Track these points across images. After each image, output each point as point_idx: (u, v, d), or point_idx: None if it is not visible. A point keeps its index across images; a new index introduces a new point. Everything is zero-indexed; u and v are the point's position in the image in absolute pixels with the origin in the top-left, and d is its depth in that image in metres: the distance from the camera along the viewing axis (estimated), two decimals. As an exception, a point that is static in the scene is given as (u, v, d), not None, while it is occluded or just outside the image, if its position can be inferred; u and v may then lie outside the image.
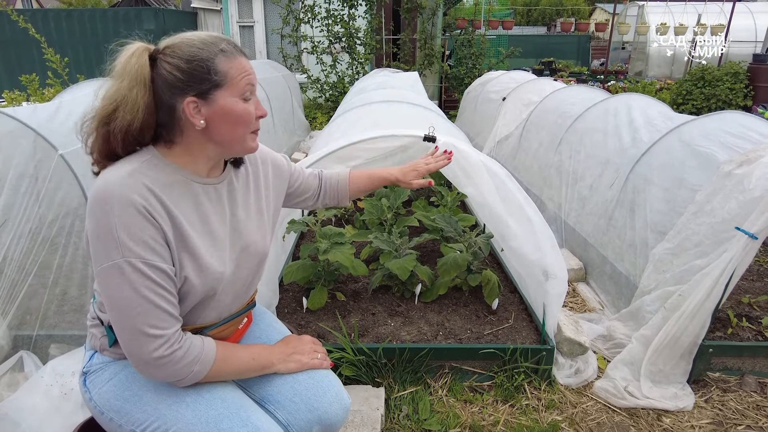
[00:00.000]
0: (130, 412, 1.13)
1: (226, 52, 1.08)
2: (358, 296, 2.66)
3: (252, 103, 1.12)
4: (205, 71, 1.05)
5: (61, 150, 2.18)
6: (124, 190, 1.00)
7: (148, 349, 1.03)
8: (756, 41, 11.17)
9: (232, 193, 1.23)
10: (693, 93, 8.19)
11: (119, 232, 0.99)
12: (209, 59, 1.05)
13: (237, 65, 1.09)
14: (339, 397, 1.30)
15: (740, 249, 1.98)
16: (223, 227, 1.18)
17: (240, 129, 1.11)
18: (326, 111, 8.18)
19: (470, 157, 2.03)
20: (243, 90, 1.09)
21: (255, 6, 9.59)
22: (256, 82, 1.15)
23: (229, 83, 1.07)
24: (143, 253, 1.01)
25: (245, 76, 1.10)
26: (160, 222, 1.04)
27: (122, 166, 1.05)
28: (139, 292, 1.01)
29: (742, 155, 2.27)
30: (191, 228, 1.10)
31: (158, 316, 1.03)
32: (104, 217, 0.99)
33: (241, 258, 1.22)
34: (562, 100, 4.36)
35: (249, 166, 1.31)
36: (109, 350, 1.19)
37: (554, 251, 2.05)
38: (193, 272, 1.10)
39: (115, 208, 0.99)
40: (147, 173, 1.05)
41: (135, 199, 1.00)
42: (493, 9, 12.37)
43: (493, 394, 2.15)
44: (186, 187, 1.12)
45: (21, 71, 6.24)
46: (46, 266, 2.19)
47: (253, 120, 1.13)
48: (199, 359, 1.10)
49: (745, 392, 2.19)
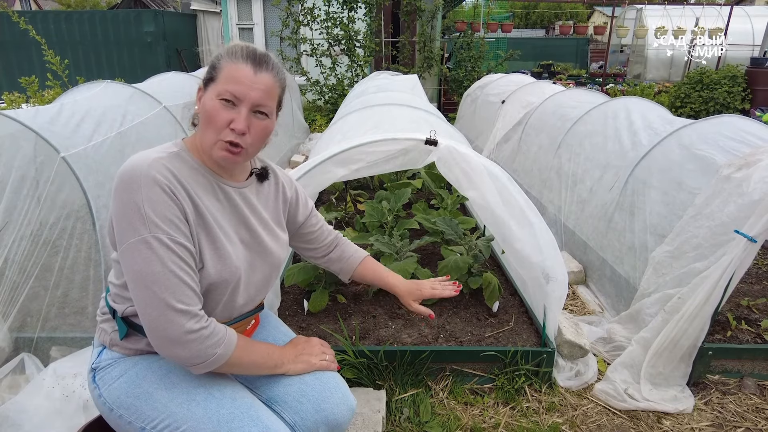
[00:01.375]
0: (141, 409, 1.13)
1: (233, 55, 1.12)
2: (359, 299, 2.67)
3: (231, 113, 1.10)
4: (212, 64, 1.14)
5: (63, 152, 2.19)
6: (150, 170, 1.05)
7: (176, 324, 1.04)
8: (753, 45, 11.22)
9: (251, 202, 1.27)
10: (691, 96, 8.22)
11: (146, 209, 1.03)
12: (220, 55, 1.13)
13: (231, 69, 1.10)
14: (345, 398, 1.31)
15: (739, 252, 1.99)
16: (238, 228, 1.22)
17: (208, 129, 1.12)
18: (325, 113, 8.19)
19: (472, 161, 2.04)
20: (221, 92, 1.10)
21: (254, 8, 9.61)
22: (251, 101, 1.11)
23: (217, 81, 1.12)
24: (169, 229, 1.05)
25: (232, 83, 1.09)
26: (182, 202, 1.09)
27: (149, 153, 1.11)
28: (167, 266, 1.04)
29: (741, 159, 2.29)
30: (211, 217, 1.15)
31: (185, 292, 1.06)
32: (131, 195, 1.03)
33: (255, 261, 1.25)
34: (561, 103, 4.38)
35: (277, 186, 1.37)
36: (119, 345, 1.19)
37: (555, 254, 2.06)
38: (210, 258, 1.13)
39: (143, 186, 1.04)
40: (172, 162, 1.11)
41: (159, 179, 1.05)
42: (492, 12, 12.40)
43: (494, 397, 2.15)
44: (207, 181, 1.17)
45: (20, 73, 6.23)
46: (47, 268, 2.19)
47: (222, 126, 1.10)
48: (222, 342, 1.11)
49: (745, 395, 2.20)
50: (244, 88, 1.10)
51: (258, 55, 1.13)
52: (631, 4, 12.50)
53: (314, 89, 8.25)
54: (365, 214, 3.20)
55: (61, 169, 2.19)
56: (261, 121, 1.14)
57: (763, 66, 8.24)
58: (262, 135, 1.16)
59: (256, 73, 1.11)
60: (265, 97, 1.12)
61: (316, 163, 2.04)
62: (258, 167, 1.33)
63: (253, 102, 1.11)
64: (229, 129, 1.10)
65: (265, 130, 1.16)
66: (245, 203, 1.25)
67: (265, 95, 1.13)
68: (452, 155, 2.03)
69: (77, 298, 2.22)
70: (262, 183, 1.32)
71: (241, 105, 1.10)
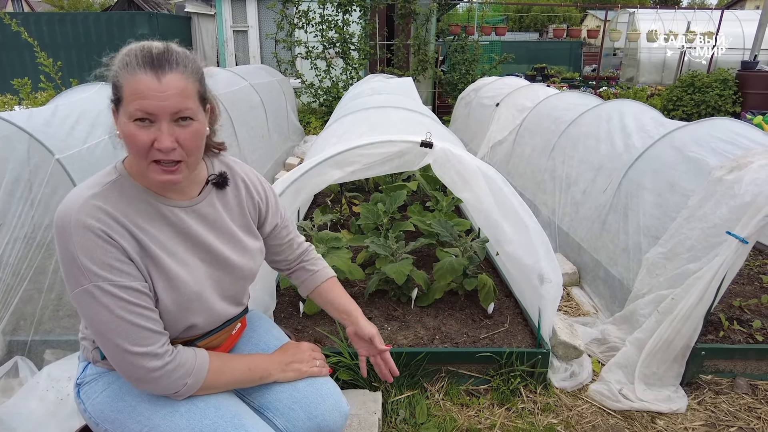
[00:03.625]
0: (125, 422, 1.13)
1: (128, 67, 0.97)
2: (355, 301, 2.66)
3: (152, 131, 0.98)
4: (113, 83, 1.01)
5: (57, 154, 2.18)
6: (80, 215, 1.00)
7: (137, 366, 1.03)
8: (744, 48, 11.35)
9: (209, 216, 1.19)
10: (683, 99, 8.31)
11: (81, 258, 0.99)
12: (115, 71, 0.99)
13: (132, 83, 0.96)
14: (338, 404, 1.30)
15: (731, 253, 2.01)
16: (194, 249, 1.15)
17: (135, 155, 1.01)
18: (320, 116, 8.19)
19: (467, 163, 2.05)
20: (132, 113, 0.97)
21: (249, 11, 9.61)
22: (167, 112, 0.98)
23: (125, 100, 0.98)
24: (110, 275, 1.01)
25: (138, 99, 0.95)
26: (120, 241, 1.02)
27: (81, 191, 1.04)
28: (114, 313, 1.01)
29: (733, 161, 2.32)
30: (157, 247, 1.08)
31: (139, 334, 1.03)
32: (65, 244, 1.00)
33: (220, 276, 1.20)
34: (555, 106, 4.41)
35: (239, 189, 1.26)
36: (101, 362, 1.19)
37: (549, 255, 2.07)
38: (164, 290, 1.09)
39: (73, 235, 0.99)
40: (108, 196, 1.04)
41: (91, 224, 0.99)
42: (486, 15, 12.46)
43: (490, 398, 2.16)
44: (149, 207, 1.09)
45: (13, 75, 6.21)
46: (41, 271, 2.18)
47: (145, 149, 0.98)
48: (191, 372, 1.10)
49: (737, 394, 2.22)
50: (154, 102, 0.96)
51: (155, 56, 0.98)
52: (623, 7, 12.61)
53: (309, 92, 8.26)
54: (361, 216, 3.20)
55: (56, 171, 2.18)
56: (187, 127, 1.01)
57: (753, 69, 8.34)
58: (195, 141, 1.03)
59: (160, 80, 0.96)
60: (180, 101, 0.98)
61: (312, 165, 2.05)
62: (216, 173, 1.21)
63: (170, 112, 0.98)
64: (155, 150, 0.99)
65: (196, 135, 1.03)
66: (199, 220, 1.16)
67: (180, 99, 0.98)
68: (447, 157, 2.04)
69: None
70: (223, 189, 1.21)
71: (159, 120, 0.98)
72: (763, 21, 8.75)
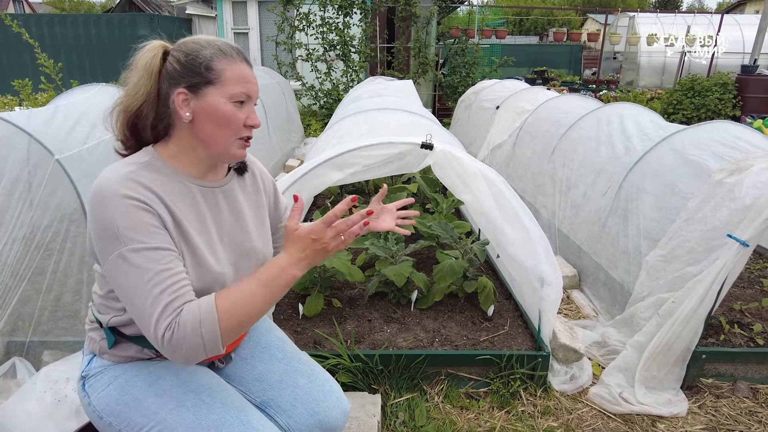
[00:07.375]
0: (131, 416, 1.12)
1: (226, 54, 1.10)
2: (354, 303, 2.66)
3: (244, 111, 1.12)
4: (199, 66, 1.09)
5: (57, 155, 2.18)
6: (120, 187, 1.02)
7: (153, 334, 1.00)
8: (744, 52, 11.38)
9: (233, 199, 1.23)
10: (683, 103, 8.31)
11: (118, 224, 1.00)
12: (206, 56, 1.09)
13: (235, 69, 1.10)
14: (339, 401, 1.31)
15: (732, 256, 2.01)
16: (220, 230, 1.18)
17: (225, 131, 1.10)
18: (321, 118, 8.20)
19: (467, 165, 2.05)
20: (235, 95, 1.10)
21: (250, 13, 9.63)
22: (257, 96, 1.15)
23: (222, 83, 1.09)
24: (144, 238, 1.01)
25: (243, 83, 1.11)
26: (158, 210, 1.05)
27: (119, 167, 1.07)
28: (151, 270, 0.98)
29: (733, 164, 2.31)
30: (189, 224, 1.11)
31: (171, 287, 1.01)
32: (102, 212, 1.01)
33: (241, 263, 1.21)
34: (555, 109, 4.41)
35: (255, 177, 1.32)
36: (109, 353, 1.18)
37: (549, 258, 2.07)
38: (190, 265, 1.09)
39: (112, 202, 1.01)
40: (144, 174, 1.07)
41: (131, 194, 1.02)
42: (487, 18, 12.50)
43: (489, 401, 2.15)
44: (183, 187, 1.13)
45: (13, 76, 6.21)
46: (40, 272, 2.17)
47: (240, 126, 1.12)
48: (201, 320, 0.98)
49: (738, 398, 2.21)
50: (253, 86, 1.13)
51: (242, 51, 1.16)
52: (623, 11, 12.65)
53: (309, 94, 8.26)
54: (360, 218, 3.19)
55: (55, 171, 2.17)
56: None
57: (753, 73, 8.35)
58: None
59: (252, 70, 1.15)
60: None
61: (312, 167, 2.04)
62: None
63: (256, 96, 1.16)
64: (247, 126, 1.13)
65: None
66: (229, 202, 1.22)
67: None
68: (448, 159, 2.04)
69: (70, 301, 2.20)
70: (243, 176, 1.29)
71: (250, 101, 1.14)
72: (762, 25, 8.76)
